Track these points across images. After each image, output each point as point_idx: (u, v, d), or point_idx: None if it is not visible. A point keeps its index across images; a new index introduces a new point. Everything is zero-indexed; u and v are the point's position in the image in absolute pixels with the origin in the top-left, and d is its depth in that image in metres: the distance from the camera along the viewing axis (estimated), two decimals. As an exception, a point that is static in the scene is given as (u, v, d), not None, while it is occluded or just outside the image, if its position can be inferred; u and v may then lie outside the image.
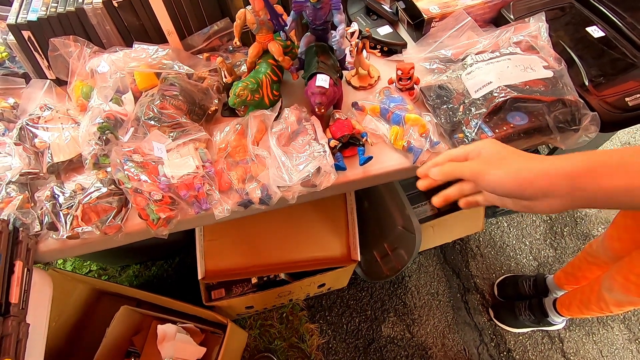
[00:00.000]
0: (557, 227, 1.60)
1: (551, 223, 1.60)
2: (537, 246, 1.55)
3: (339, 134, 0.65)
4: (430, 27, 0.79)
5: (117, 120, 0.64)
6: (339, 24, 0.60)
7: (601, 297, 0.95)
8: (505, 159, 0.43)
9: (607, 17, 0.78)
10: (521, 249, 1.54)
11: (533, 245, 1.55)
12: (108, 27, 0.73)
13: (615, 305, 0.93)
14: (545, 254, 1.53)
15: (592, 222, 1.60)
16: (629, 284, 0.84)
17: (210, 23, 0.76)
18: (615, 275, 0.88)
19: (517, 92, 0.64)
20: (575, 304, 1.11)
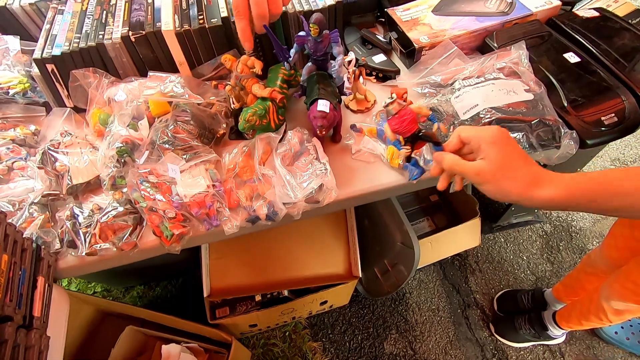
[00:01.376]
0: (553, 242, 1.64)
1: (547, 238, 1.64)
2: (534, 261, 1.58)
3: (405, 132, 0.63)
4: (421, 55, 0.86)
5: (134, 144, 0.69)
6: (338, 55, 0.67)
7: (600, 307, 0.97)
8: (510, 168, 0.48)
9: (582, 45, 0.85)
10: (519, 263, 1.57)
11: (530, 260, 1.58)
12: (125, 59, 0.79)
13: (614, 314, 0.95)
14: (543, 268, 1.56)
15: (587, 236, 1.64)
16: (626, 291, 0.86)
17: (218, 54, 0.82)
18: (613, 284, 0.91)
19: (501, 113, 0.69)
20: (574, 316, 1.13)
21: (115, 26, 0.77)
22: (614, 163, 1.88)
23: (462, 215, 1.35)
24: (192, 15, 0.78)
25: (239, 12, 0.62)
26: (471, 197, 1.28)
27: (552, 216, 1.70)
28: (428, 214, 1.43)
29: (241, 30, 0.64)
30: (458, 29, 0.86)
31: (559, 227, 1.67)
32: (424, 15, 0.90)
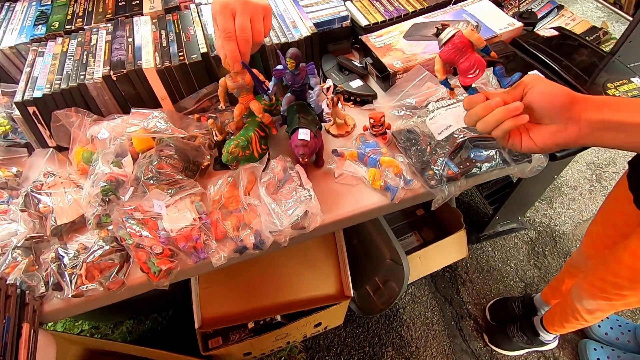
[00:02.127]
0: (539, 247, 1.68)
1: (532, 244, 1.68)
2: (521, 267, 1.61)
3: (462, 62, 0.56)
4: (395, 79, 0.90)
5: (118, 182, 0.70)
6: (315, 86, 0.70)
7: (574, 308, 1.00)
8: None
9: (545, 62, 0.91)
10: (507, 271, 1.59)
11: (518, 266, 1.61)
12: (107, 98, 0.80)
13: (587, 314, 0.98)
14: (531, 274, 1.59)
15: (570, 239, 1.69)
16: (594, 289, 0.89)
17: (199, 87, 0.84)
18: (582, 284, 0.94)
19: (473, 132, 0.73)
20: (556, 319, 1.16)
21: (96, 66, 0.79)
22: (589, 167, 1.95)
23: (448, 227, 1.38)
24: (173, 52, 0.81)
25: (228, 34, 0.63)
26: (456, 210, 1.31)
27: (535, 222, 1.75)
28: (415, 229, 1.46)
29: (231, 50, 0.64)
30: (429, 53, 0.91)
31: (543, 233, 1.71)
32: (396, 41, 0.95)
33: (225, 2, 0.62)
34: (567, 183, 1.89)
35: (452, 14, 1.00)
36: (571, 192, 1.86)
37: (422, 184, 0.76)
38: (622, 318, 1.41)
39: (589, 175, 1.92)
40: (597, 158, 1.98)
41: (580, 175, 1.92)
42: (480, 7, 1.01)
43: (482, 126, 0.54)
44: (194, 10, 0.89)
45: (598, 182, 1.89)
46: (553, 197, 1.84)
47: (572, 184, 1.88)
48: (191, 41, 0.82)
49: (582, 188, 1.87)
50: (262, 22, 0.66)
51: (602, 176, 1.91)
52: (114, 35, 0.85)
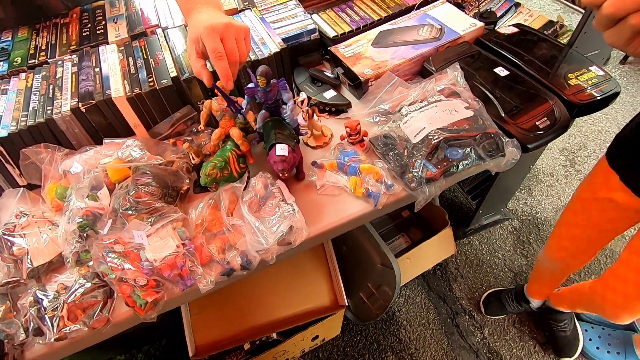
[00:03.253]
0: (523, 236, 1.72)
1: (517, 233, 1.72)
2: (509, 257, 1.64)
3: None
4: (368, 86, 0.91)
5: (95, 216, 0.68)
6: (288, 101, 0.70)
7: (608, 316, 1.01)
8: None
9: (508, 59, 0.94)
10: (496, 263, 1.62)
11: (506, 257, 1.65)
12: (77, 130, 0.78)
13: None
14: (519, 263, 1.62)
15: (552, 225, 1.73)
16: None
17: (172, 111, 0.83)
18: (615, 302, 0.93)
19: (447, 132, 0.75)
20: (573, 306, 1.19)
21: (63, 99, 0.77)
22: (562, 153, 2.03)
23: (434, 226, 1.40)
24: (142, 79, 0.80)
25: (219, 54, 0.65)
26: (440, 208, 1.33)
27: (517, 212, 1.79)
28: (402, 230, 1.47)
29: (223, 69, 0.66)
30: (397, 59, 0.93)
31: (526, 222, 1.75)
32: (365, 49, 0.97)
33: (211, 25, 0.65)
34: (543, 171, 1.95)
35: (416, 19, 1.03)
36: (548, 179, 1.92)
37: (403, 187, 0.77)
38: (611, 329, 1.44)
39: (563, 161, 1.99)
40: (569, 144, 2.05)
41: (555, 162, 1.99)
42: (442, 11, 1.04)
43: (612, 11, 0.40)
44: (161, 35, 0.89)
45: (572, 167, 1.96)
46: (531, 185, 1.90)
47: (548, 172, 1.95)
48: (160, 66, 0.82)
49: (558, 174, 1.94)
50: (244, 43, 0.69)
51: (575, 161, 1.98)
52: (80, 67, 0.83)
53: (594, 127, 2.11)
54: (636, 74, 2.38)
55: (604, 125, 2.11)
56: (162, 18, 0.95)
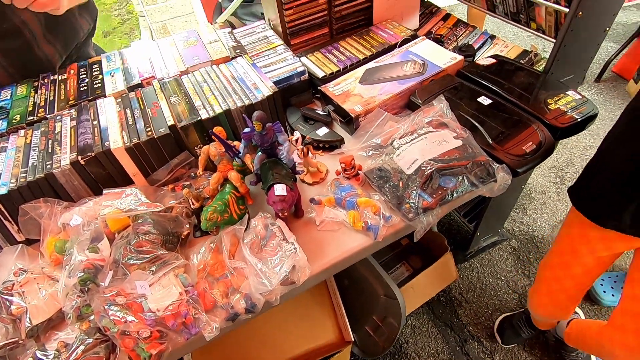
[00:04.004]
0: (523, 255, 1.72)
1: (517, 253, 1.72)
2: (511, 278, 1.63)
3: None
4: (359, 122, 0.95)
5: (96, 268, 0.67)
6: (284, 142, 0.73)
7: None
8: None
9: (489, 88, 0.99)
10: (499, 285, 1.61)
11: (508, 278, 1.64)
12: (76, 183, 0.79)
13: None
14: (522, 284, 1.61)
15: (549, 242, 1.74)
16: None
17: (170, 158, 0.85)
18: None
19: (439, 162, 0.77)
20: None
21: (62, 153, 0.78)
22: (551, 170, 2.07)
23: (434, 252, 1.40)
24: (140, 129, 0.82)
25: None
26: (439, 234, 1.34)
27: (515, 231, 1.80)
28: (403, 259, 1.46)
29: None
30: (385, 94, 0.97)
31: (524, 241, 1.76)
32: (353, 87, 1.01)
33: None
34: (535, 189, 1.99)
35: (399, 56, 1.08)
36: (541, 197, 1.95)
37: (401, 218, 0.78)
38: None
39: (553, 178, 2.03)
40: (557, 162, 2.11)
41: (545, 179, 2.03)
42: (423, 47, 1.11)
43: None
44: (157, 86, 0.92)
45: (562, 183, 2.00)
46: (525, 204, 1.92)
47: (539, 189, 1.98)
48: (157, 115, 0.84)
49: (550, 191, 1.97)
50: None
51: (564, 177, 2.02)
52: (78, 120, 0.86)
53: (578, 143, 2.18)
54: (611, 90, 2.50)
55: (588, 141, 2.18)
56: (157, 70, 0.99)
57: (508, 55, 1.15)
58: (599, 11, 0.92)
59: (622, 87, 2.51)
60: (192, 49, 1.05)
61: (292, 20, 1.14)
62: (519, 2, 1.05)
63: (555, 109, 0.90)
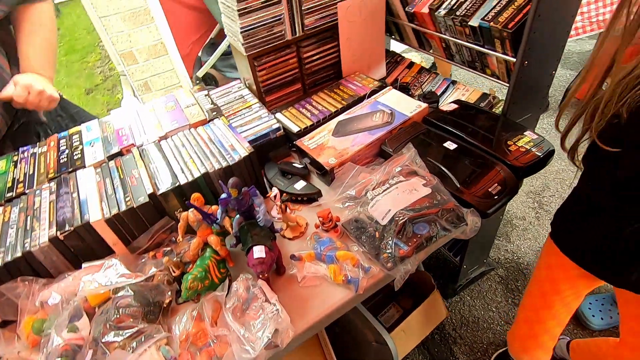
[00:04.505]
0: (511, 284, 1.73)
1: (505, 282, 1.73)
2: (503, 309, 1.64)
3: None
4: (334, 173, 0.99)
5: (74, 350, 0.66)
6: (260, 205, 0.75)
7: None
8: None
9: (454, 133, 1.05)
10: (491, 317, 1.61)
11: (500, 309, 1.64)
12: (55, 258, 0.79)
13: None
14: (513, 314, 1.61)
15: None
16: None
17: (151, 225, 0.86)
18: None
19: (411, 212, 0.81)
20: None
21: (41, 230, 0.79)
22: (529, 196, 2.14)
23: (423, 290, 1.40)
24: (119, 199, 0.84)
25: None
26: (424, 273, 1.35)
27: (500, 260, 1.83)
28: (392, 299, 1.46)
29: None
30: (357, 145, 1.02)
31: (511, 269, 1.79)
32: (327, 139, 1.06)
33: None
34: (515, 215, 2.04)
35: (368, 107, 1.15)
36: (522, 223, 2.00)
37: (381, 268, 0.80)
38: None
39: (531, 203, 2.10)
40: (533, 186, 2.18)
41: (524, 205, 2.09)
42: (390, 97, 1.18)
43: None
44: (136, 153, 0.95)
45: (541, 207, 2.06)
46: (508, 231, 1.97)
47: (520, 215, 2.04)
48: (136, 184, 0.86)
49: (530, 216, 2.03)
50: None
51: (542, 202, 2.09)
52: (58, 194, 0.87)
53: (551, 167, 2.27)
54: (575, 116, 2.64)
55: (559, 165, 2.28)
56: (137, 136, 1.02)
57: (469, 99, 1.23)
58: (543, 59, 1.01)
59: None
60: (171, 114, 1.10)
61: (266, 80, 1.21)
62: (472, 52, 1.14)
63: (516, 150, 0.96)
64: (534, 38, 0.93)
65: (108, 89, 3.79)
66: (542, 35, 0.93)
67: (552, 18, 0.92)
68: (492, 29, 0.99)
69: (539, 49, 0.97)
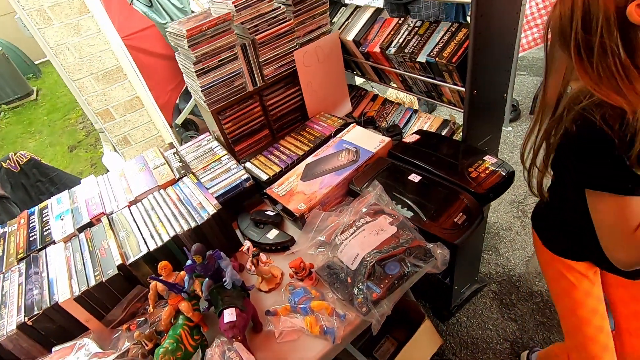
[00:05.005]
0: (505, 299, 1.72)
1: (499, 297, 1.72)
2: (500, 326, 1.62)
3: None
4: (305, 218, 1.00)
5: None
6: (226, 267, 0.75)
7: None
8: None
9: (417, 165, 1.07)
10: (489, 336, 1.59)
11: (497, 326, 1.62)
12: (25, 345, 0.78)
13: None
14: (510, 329, 1.60)
15: (527, 279, 1.76)
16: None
17: (123, 295, 0.86)
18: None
19: (379, 253, 0.81)
20: None
21: (9, 317, 0.78)
22: (512, 205, 2.16)
23: (415, 319, 1.38)
24: (89, 274, 0.83)
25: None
26: (412, 301, 1.34)
27: (492, 275, 1.82)
28: (387, 332, 1.44)
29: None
30: (325, 187, 1.04)
31: (503, 283, 1.78)
32: (296, 184, 1.08)
33: None
34: (501, 227, 2.06)
35: (334, 147, 1.18)
36: (508, 234, 2.01)
37: (356, 314, 0.80)
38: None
39: (515, 212, 2.12)
40: (515, 195, 2.21)
41: (508, 215, 2.11)
42: (354, 134, 1.21)
43: None
44: (106, 223, 0.95)
45: (525, 216, 2.08)
46: (496, 244, 1.97)
47: (505, 226, 2.05)
48: (106, 256, 0.86)
49: (515, 226, 2.04)
50: None
51: (525, 210, 2.11)
52: (27, 275, 0.86)
53: (529, 174, 2.31)
54: (546, 121, 2.72)
55: (537, 171, 2.32)
56: (106, 204, 1.03)
57: (432, 127, 1.27)
58: (491, 85, 1.06)
59: (554, 115, 2.74)
60: (140, 176, 1.11)
61: (232, 131, 1.24)
62: (426, 83, 1.19)
63: (477, 176, 0.98)
64: (477, 69, 0.97)
65: (91, 144, 3.82)
66: (485, 65, 0.98)
67: (492, 49, 0.97)
68: (439, 64, 1.04)
69: (485, 77, 1.01)
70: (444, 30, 1.06)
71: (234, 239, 1.00)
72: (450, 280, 1.55)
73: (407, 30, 1.15)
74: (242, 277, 0.94)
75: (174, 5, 2.32)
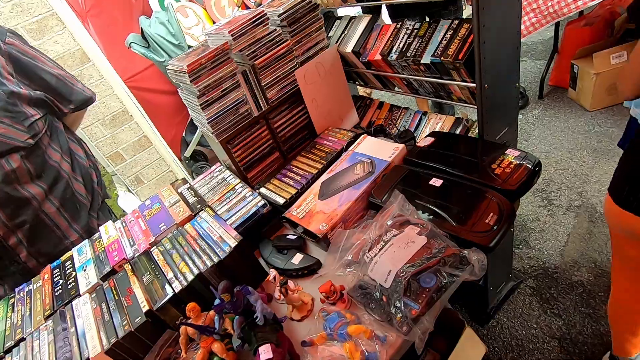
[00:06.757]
0: (545, 293, 1.64)
1: (538, 293, 1.65)
2: (544, 323, 1.54)
3: None
4: (328, 238, 0.97)
5: None
6: (255, 302, 0.72)
7: None
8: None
9: (437, 168, 1.04)
10: (534, 335, 1.51)
11: (540, 324, 1.54)
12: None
13: None
14: (556, 325, 1.52)
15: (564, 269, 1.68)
16: None
17: (153, 342, 0.83)
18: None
19: (413, 267, 0.77)
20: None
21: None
22: (535, 195, 2.09)
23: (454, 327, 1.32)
24: (117, 324, 0.81)
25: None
26: (449, 309, 1.28)
27: (527, 270, 1.75)
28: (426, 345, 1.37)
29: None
30: (344, 204, 1.01)
31: (540, 277, 1.70)
32: (314, 204, 1.05)
33: None
34: (528, 218, 1.98)
35: (347, 161, 1.15)
36: (537, 225, 1.93)
37: (397, 335, 0.75)
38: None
39: (540, 201, 2.05)
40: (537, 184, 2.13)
41: (533, 205, 2.04)
42: (367, 145, 1.18)
43: None
44: (128, 269, 0.94)
45: (551, 204, 2.01)
46: (525, 237, 1.90)
47: (532, 218, 1.98)
48: (132, 303, 0.84)
49: (543, 215, 1.97)
50: None
51: (550, 197, 2.04)
52: (56, 332, 0.85)
53: (548, 160, 2.24)
54: (557, 102, 2.66)
55: (557, 155, 2.25)
56: (127, 249, 1.02)
57: (444, 127, 1.24)
58: (502, 77, 1.02)
59: (564, 96, 2.69)
60: (157, 216, 1.10)
61: (243, 158, 1.23)
62: (433, 84, 1.16)
63: (502, 172, 0.94)
64: (486, 62, 0.94)
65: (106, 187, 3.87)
66: (492, 58, 0.95)
67: (498, 40, 0.95)
68: (445, 63, 1.01)
69: (495, 70, 0.98)
70: (444, 28, 1.03)
71: (259, 269, 0.97)
72: (484, 281, 1.49)
73: (406, 33, 1.13)
74: (272, 307, 0.91)
75: (170, 42, 2.36)
